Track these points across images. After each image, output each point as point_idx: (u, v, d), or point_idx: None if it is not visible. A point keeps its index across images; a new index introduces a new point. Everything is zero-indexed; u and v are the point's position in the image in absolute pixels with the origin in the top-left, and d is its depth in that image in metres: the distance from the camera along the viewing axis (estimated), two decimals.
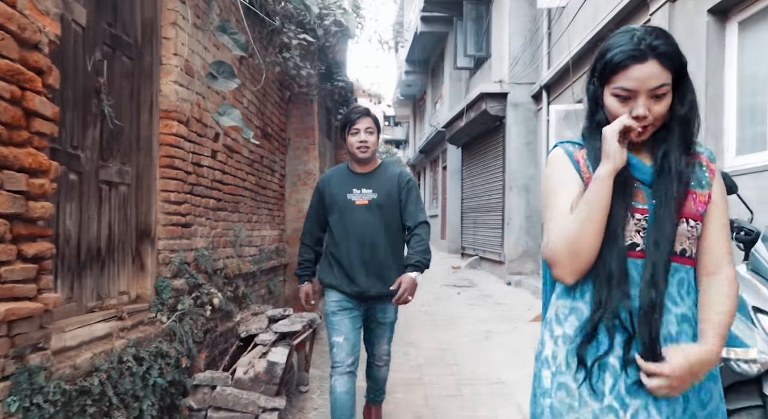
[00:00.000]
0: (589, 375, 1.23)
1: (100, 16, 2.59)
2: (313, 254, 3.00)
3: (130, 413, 2.47)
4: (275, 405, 3.10)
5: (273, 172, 5.39)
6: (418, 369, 4.55)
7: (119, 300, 2.76)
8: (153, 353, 2.71)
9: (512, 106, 10.03)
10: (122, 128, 2.77)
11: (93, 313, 2.52)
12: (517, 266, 9.90)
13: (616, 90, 1.24)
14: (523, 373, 4.29)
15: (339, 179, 2.92)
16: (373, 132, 2.85)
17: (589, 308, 1.26)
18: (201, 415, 3.03)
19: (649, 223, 1.25)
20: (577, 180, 1.31)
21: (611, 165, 1.21)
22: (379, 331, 2.99)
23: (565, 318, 1.30)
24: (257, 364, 3.22)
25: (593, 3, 7.17)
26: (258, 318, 4.03)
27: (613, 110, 1.26)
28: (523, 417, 3.49)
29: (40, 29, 1.88)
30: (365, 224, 2.79)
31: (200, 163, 3.44)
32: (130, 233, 2.89)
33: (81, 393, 2.14)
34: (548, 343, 1.32)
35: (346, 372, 2.76)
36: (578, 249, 1.21)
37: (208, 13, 3.42)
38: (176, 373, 2.91)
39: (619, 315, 1.22)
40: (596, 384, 1.23)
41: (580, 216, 1.22)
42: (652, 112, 1.23)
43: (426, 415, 3.56)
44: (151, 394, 2.63)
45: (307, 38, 4.47)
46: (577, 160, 1.34)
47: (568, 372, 1.25)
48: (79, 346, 2.27)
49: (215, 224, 3.76)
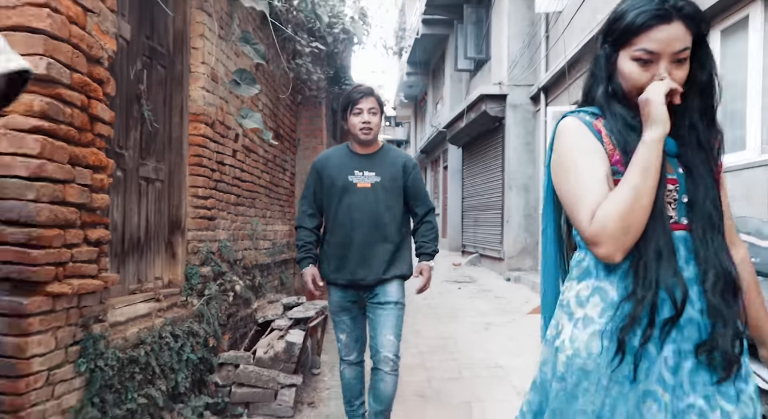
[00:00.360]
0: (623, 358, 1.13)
1: (140, 31, 2.91)
2: (314, 237, 2.77)
3: (168, 383, 2.78)
4: (293, 382, 3.41)
5: (284, 170, 5.72)
6: (420, 356, 4.86)
7: (155, 284, 3.08)
8: (185, 332, 3.02)
9: (511, 107, 10.33)
10: (157, 130, 3.09)
11: (135, 294, 2.83)
12: (516, 262, 10.21)
13: (637, 53, 1.17)
14: (519, 360, 4.60)
15: (339, 160, 2.73)
16: (376, 113, 2.68)
17: (617, 288, 1.18)
18: (226, 391, 3.34)
19: (680, 193, 1.20)
20: (601, 150, 1.21)
21: (661, 130, 1.13)
22: (379, 315, 2.66)
23: (586, 299, 1.21)
24: (276, 345, 3.53)
25: (589, 8, 7.48)
26: (274, 306, 4.35)
27: (630, 75, 1.19)
28: (519, 395, 3.79)
29: (102, 46, 2.20)
30: (366, 208, 2.62)
31: (223, 162, 3.76)
32: (164, 224, 3.21)
33: (131, 361, 2.45)
34: (566, 327, 1.23)
35: (353, 362, 2.82)
36: (631, 222, 1.11)
37: (230, 25, 3.74)
38: (205, 351, 3.23)
39: (673, 293, 1.12)
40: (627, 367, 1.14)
41: (633, 185, 1.11)
42: (673, 77, 1.16)
43: (429, 394, 3.87)
44: (184, 368, 2.95)
45: (318, 46, 4.80)
46: (598, 130, 1.23)
47: (589, 356, 1.16)
48: (126, 322, 2.59)
49: (235, 218, 4.08)
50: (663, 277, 1.12)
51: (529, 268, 10.09)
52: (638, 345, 1.13)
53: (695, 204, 1.19)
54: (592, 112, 1.27)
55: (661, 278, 1.12)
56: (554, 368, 1.22)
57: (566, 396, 1.18)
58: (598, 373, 1.15)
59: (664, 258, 1.13)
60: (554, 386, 1.21)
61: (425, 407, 3.59)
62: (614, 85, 1.23)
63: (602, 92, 1.25)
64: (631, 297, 1.14)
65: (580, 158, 1.20)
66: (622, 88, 1.22)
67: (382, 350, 2.64)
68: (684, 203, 1.21)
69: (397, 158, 2.75)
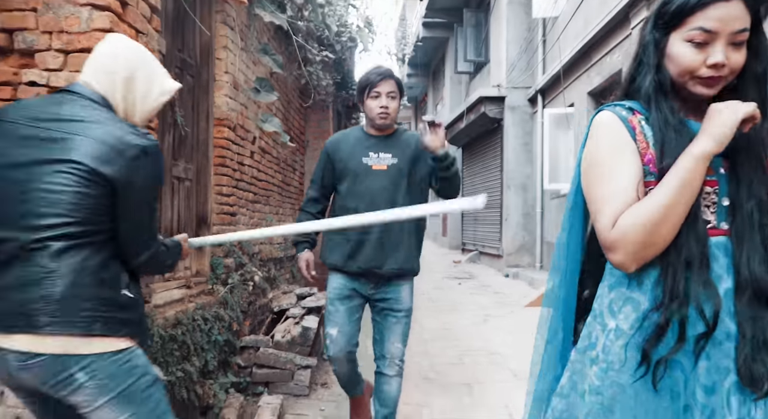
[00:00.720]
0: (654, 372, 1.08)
1: (173, 44, 3.23)
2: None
3: (200, 361, 3.10)
4: (308, 363, 3.74)
5: (294, 171, 6.05)
6: (423, 344, 5.17)
7: (185, 273, 3.40)
8: (213, 316, 3.34)
9: (510, 109, 10.64)
10: (187, 134, 3.41)
11: (169, 282, 3.16)
12: (515, 259, 10.53)
13: (692, 33, 1.09)
14: (516, 347, 4.92)
15: (352, 141, 2.57)
16: (395, 97, 2.51)
17: (648, 299, 1.11)
18: (247, 372, 3.66)
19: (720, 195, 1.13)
20: (634, 148, 1.14)
21: (716, 148, 1.05)
22: (390, 323, 2.55)
23: (618, 309, 1.15)
24: (293, 329, 3.85)
25: (583, 15, 7.80)
26: (288, 296, 4.69)
27: (683, 57, 1.11)
28: (515, 378, 4.11)
29: None
30: (383, 191, 2.46)
31: (243, 162, 4.09)
32: (192, 219, 3.54)
33: (171, 339, 2.77)
34: (600, 338, 1.17)
35: (343, 358, 2.57)
36: (657, 237, 1.06)
37: (249, 37, 4.07)
38: (229, 335, 3.55)
39: (701, 305, 1.06)
40: (662, 382, 1.09)
41: (664, 202, 1.05)
42: (730, 61, 1.09)
43: (432, 377, 4.18)
44: (213, 348, 3.27)
45: (328, 55, 5.13)
46: (632, 126, 1.16)
47: (623, 369, 1.11)
48: (164, 305, 2.91)
49: (253, 214, 4.41)
50: (693, 289, 1.06)
51: (527, 265, 10.41)
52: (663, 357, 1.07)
53: (736, 207, 1.11)
54: (629, 107, 1.19)
55: (691, 290, 1.05)
56: (588, 380, 1.17)
57: (603, 411, 1.13)
58: (635, 387, 1.10)
59: (695, 268, 1.06)
60: (589, 399, 1.15)
61: (429, 388, 3.91)
62: (661, 76, 1.15)
63: (650, 82, 1.16)
64: (660, 309, 1.08)
65: (611, 159, 1.14)
66: (670, 80, 1.15)
67: (388, 356, 2.56)
68: (725, 207, 1.13)
69: (411, 138, 2.58)
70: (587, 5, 7.61)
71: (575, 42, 7.86)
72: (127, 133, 1.38)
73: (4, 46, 2.18)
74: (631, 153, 1.13)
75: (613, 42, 6.87)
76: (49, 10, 2.14)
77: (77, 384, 1.31)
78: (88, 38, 2.14)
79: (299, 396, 3.61)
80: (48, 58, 2.16)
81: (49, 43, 2.16)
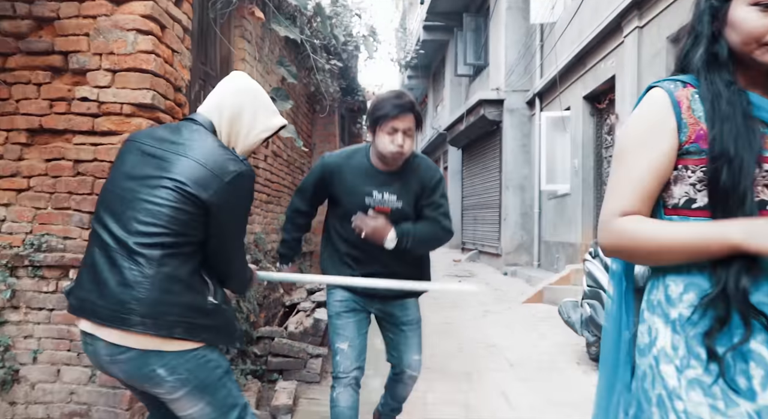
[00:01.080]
0: (723, 368, 0.99)
1: (197, 58, 3.52)
2: (300, 234, 2.56)
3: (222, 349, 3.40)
4: (320, 352, 4.02)
5: (302, 172, 6.34)
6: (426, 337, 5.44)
7: None
8: (234, 307, 3.64)
9: (508, 111, 10.92)
10: None
11: None
12: (513, 258, 10.81)
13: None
14: (513, 339, 5.22)
15: (355, 171, 2.29)
16: (412, 135, 2.19)
17: (708, 281, 1.03)
18: (263, 360, 3.95)
19: None
20: (672, 130, 1.07)
21: (746, 248, 0.97)
22: (405, 335, 2.47)
23: (679, 297, 1.06)
24: (305, 321, 4.14)
25: (578, 22, 8.08)
26: (298, 291, 4.98)
27: (748, 23, 1.03)
28: (511, 367, 4.40)
29: (182, 78, 2.81)
30: None
31: (257, 165, 4.38)
32: None
33: None
34: (662, 331, 1.07)
35: (350, 383, 2.32)
36: (643, 260, 1.09)
37: (263, 49, 4.36)
38: (247, 325, 3.84)
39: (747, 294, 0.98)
40: (737, 379, 0.99)
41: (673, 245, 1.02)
42: None
43: (434, 367, 4.46)
44: None
45: (336, 64, 5.42)
46: (679, 101, 1.08)
47: (699, 364, 1.01)
48: None
49: (266, 214, 4.70)
50: (740, 274, 0.99)
51: (525, 263, 10.69)
52: (727, 351, 0.99)
53: None
54: (683, 80, 1.11)
55: (738, 275, 0.99)
56: (665, 382, 1.05)
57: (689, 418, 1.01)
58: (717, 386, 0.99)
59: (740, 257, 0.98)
60: (673, 405, 1.03)
61: (432, 377, 4.19)
62: (719, 47, 1.08)
63: (701, 54, 1.10)
64: (714, 298, 1.01)
65: (635, 147, 1.10)
66: (728, 49, 1.08)
67: (408, 370, 2.49)
68: None
69: (418, 170, 2.30)
70: (582, 14, 7.90)
71: (571, 48, 8.14)
72: (226, 159, 1.52)
73: (59, 66, 2.47)
74: (662, 136, 1.07)
75: (607, 49, 7.17)
76: (99, 35, 2.43)
77: (159, 378, 1.46)
78: (134, 59, 2.43)
79: (311, 382, 3.89)
80: (98, 76, 2.45)
81: (99, 63, 2.45)
